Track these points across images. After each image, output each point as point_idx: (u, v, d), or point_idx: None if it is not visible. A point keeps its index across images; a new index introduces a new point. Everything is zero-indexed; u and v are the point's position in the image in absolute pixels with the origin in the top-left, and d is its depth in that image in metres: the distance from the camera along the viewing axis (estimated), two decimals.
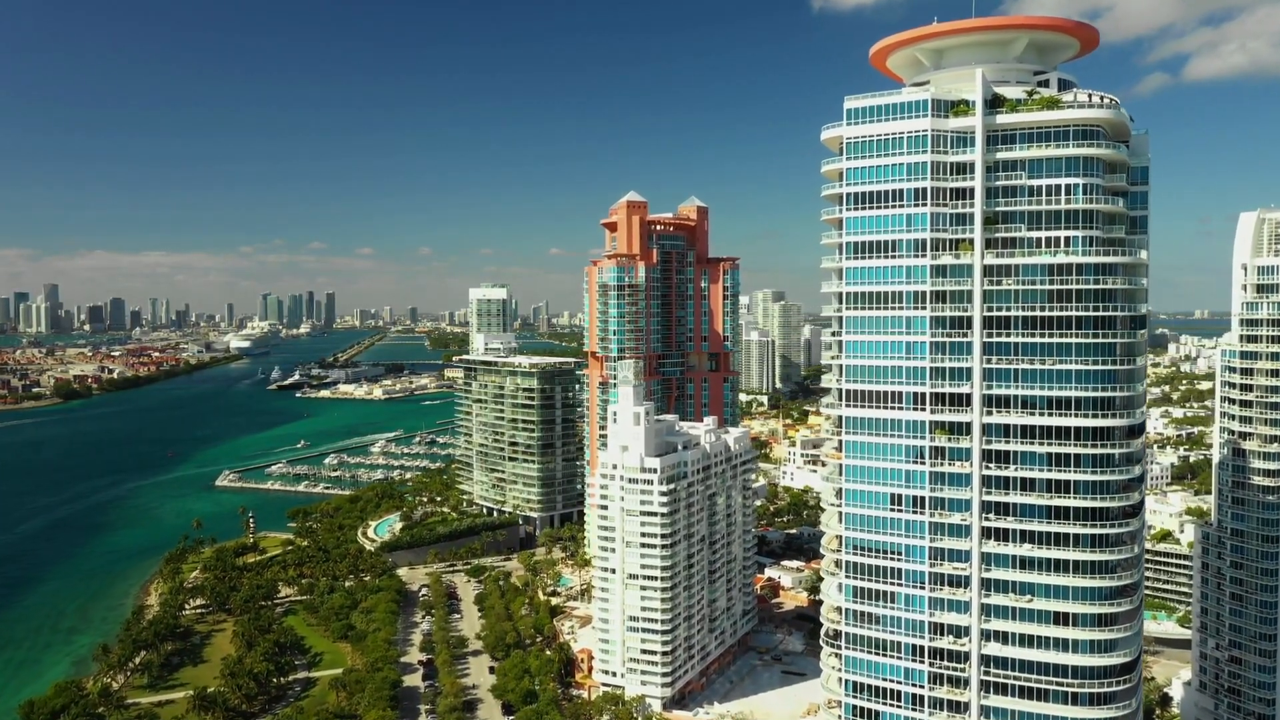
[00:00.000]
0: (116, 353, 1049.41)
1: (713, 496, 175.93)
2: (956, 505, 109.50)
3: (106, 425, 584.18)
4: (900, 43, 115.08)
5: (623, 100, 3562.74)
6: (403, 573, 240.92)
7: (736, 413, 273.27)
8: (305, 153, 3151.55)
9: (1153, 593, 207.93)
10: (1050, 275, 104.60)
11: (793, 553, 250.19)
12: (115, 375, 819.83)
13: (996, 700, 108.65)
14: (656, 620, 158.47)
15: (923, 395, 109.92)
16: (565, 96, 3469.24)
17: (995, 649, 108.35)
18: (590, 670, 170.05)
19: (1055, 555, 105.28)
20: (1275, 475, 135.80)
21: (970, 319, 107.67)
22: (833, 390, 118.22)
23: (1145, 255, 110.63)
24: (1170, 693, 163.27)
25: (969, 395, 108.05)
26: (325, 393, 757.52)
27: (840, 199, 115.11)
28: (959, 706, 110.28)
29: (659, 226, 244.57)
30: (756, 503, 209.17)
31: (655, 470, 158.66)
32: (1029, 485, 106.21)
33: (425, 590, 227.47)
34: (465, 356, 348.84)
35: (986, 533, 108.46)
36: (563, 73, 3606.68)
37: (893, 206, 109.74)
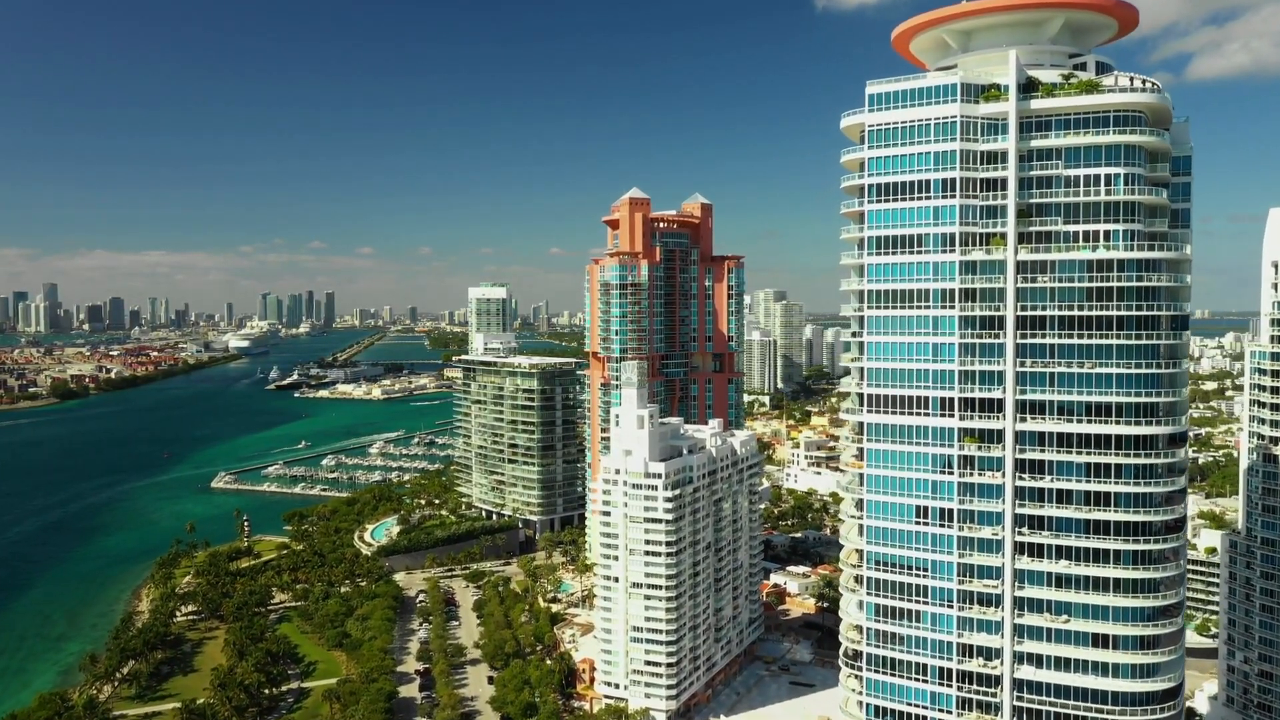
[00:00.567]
0: (115, 352, 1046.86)
1: (719, 502, 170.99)
2: (987, 518, 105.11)
3: (103, 425, 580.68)
4: (926, 23, 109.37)
5: (623, 100, 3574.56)
6: (400, 578, 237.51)
7: (741, 415, 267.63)
8: (305, 152, 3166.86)
9: None
10: (1089, 272, 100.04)
11: (798, 557, 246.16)
12: (113, 375, 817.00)
13: None
14: (661, 630, 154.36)
15: (951, 400, 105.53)
16: (565, 96, 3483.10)
17: (1029, 672, 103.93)
18: (592, 681, 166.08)
19: (1093, 573, 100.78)
20: None
21: (1002, 319, 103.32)
22: (852, 394, 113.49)
23: (1189, 250, 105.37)
24: (1195, 706, 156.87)
25: (1001, 401, 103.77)
26: (324, 393, 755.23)
27: (861, 191, 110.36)
28: None
29: (662, 224, 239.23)
30: (761, 506, 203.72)
31: (660, 475, 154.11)
32: (1065, 497, 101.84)
33: (422, 596, 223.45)
34: (464, 356, 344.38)
35: (1019, 548, 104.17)
36: (563, 73, 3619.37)
37: (919, 198, 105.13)
